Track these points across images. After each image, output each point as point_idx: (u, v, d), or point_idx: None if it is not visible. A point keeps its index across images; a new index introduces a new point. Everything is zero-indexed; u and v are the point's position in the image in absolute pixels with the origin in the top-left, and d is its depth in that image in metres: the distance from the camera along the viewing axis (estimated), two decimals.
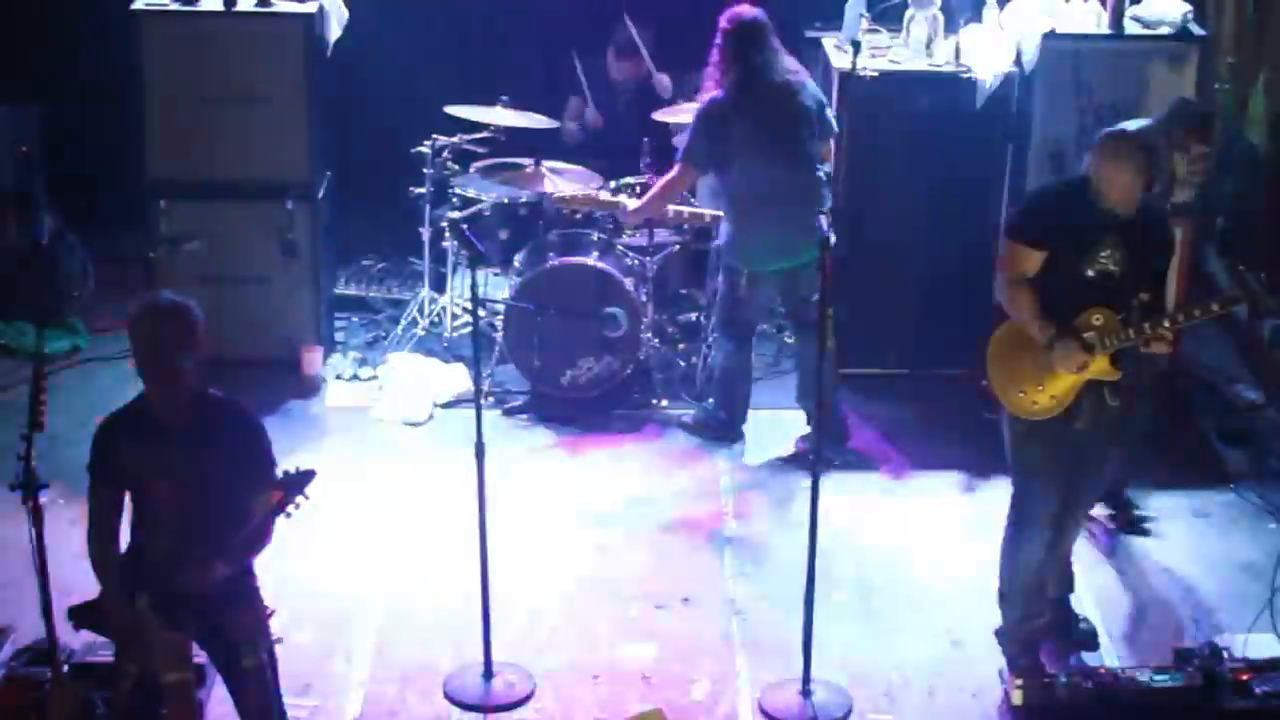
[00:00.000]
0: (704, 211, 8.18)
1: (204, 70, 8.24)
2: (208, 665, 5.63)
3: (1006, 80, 8.23)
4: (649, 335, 8.38)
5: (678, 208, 8.12)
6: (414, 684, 6.26)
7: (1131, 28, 8.14)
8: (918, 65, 8.32)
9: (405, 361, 8.51)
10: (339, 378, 8.59)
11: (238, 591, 5.30)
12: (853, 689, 6.24)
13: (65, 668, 5.69)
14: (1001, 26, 8.33)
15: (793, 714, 6.11)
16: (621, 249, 8.42)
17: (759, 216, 7.53)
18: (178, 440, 5.20)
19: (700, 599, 6.84)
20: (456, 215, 8.52)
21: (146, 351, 5.16)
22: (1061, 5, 8.26)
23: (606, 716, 6.09)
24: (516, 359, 8.36)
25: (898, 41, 8.46)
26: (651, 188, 8.02)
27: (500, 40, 9.67)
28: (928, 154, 8.24)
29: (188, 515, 5.20)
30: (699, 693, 6.25)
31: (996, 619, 6.40)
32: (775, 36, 7.61)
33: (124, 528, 5.38)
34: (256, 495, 5.14)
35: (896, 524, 7.42)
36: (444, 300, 8.83)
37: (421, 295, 8.96)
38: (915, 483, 7.78)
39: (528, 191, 8.50)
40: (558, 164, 8.54)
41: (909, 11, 8.39)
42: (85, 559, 5.32)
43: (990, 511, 7.06)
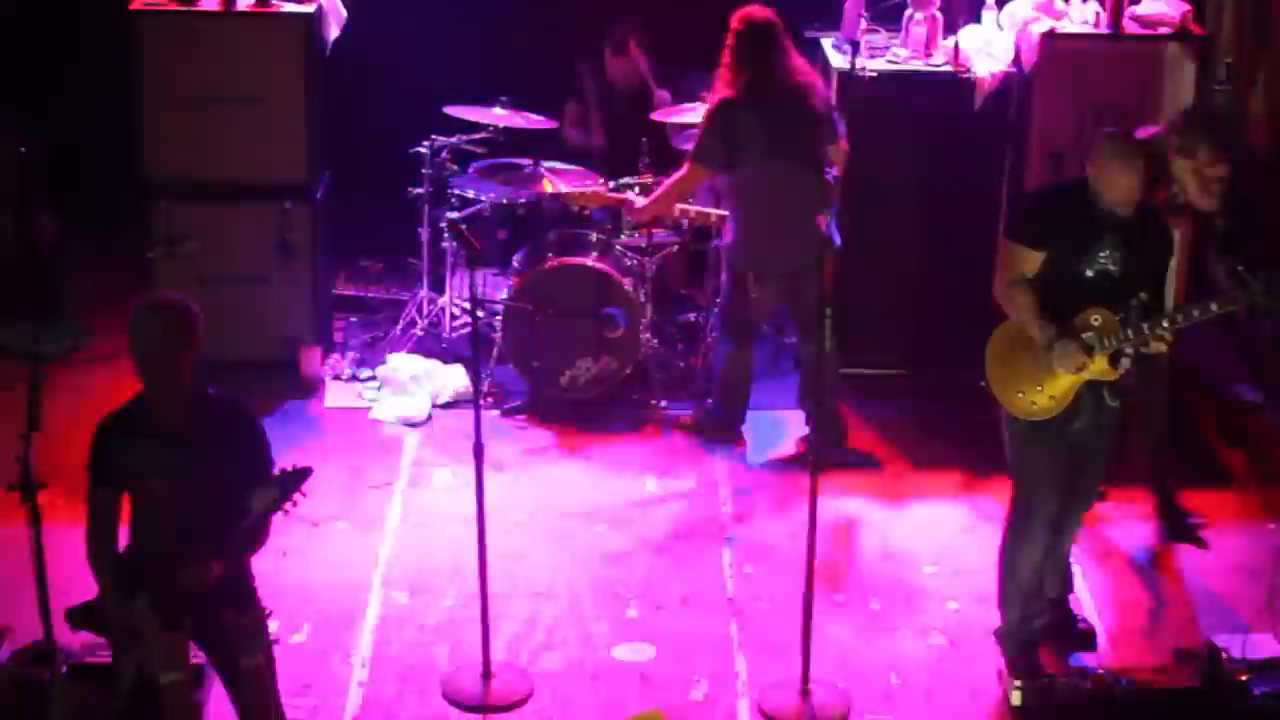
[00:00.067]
0: (710, 211, 8.17)
1: (202, 70, 8.22)
2: (206, 665, 5.63)
3: (1005, 80, 8.23)
4: (648, 335, 8.37)
5: (684, 206, 8.12)
6: (412, 684, 6.25)
7: (1130, 28, 8.14)
8: (916, 65, 8.32)
9: (404, 362, 8.50)
10: (337, 378, 8.59)
11: (236, 591, 5.29)
12: (851, 689, 6.25)
13: (64, 668, 5.68)
14: (1000, 26, 8.33)
15: (792, 714, 6.11)
16: (620, 249, 8.41)
17: (767, 218, 7.52)
18: (176, 440, 5.19)
19: (699, 599, 6.84)
20: (455, 215, 8.52)
21: (146, 351, 5.16)
22: (1061, 5, 8.26)
23: (605, 717, 6.09)
24: (515, 359, 8.36)
25: (896, 41, 8.46)
26: (658, 186, 8.01)
27: (499, 40, 9.66)
28: (926, 154, 8.24)
29: (186, 515, 5.19)
30: (698, 693, 6.25)
31: (995, 619, 6.39)
32: (787, 37, 7.61)
33: (122, 528, 5.38)
34: (254, 494, 5.14)
35: (895, 524, 7.42)
36: (443, 300, 8.83)
37: (420, 295, 8.96)
38: (914, 483, 7.77)
39: (526, 192, 8.50)
40: (556, 164, 8.54)
41: (908, 11, 8.38)
42: (83, 559, 5.32)
43: (989, 512, 7.08)
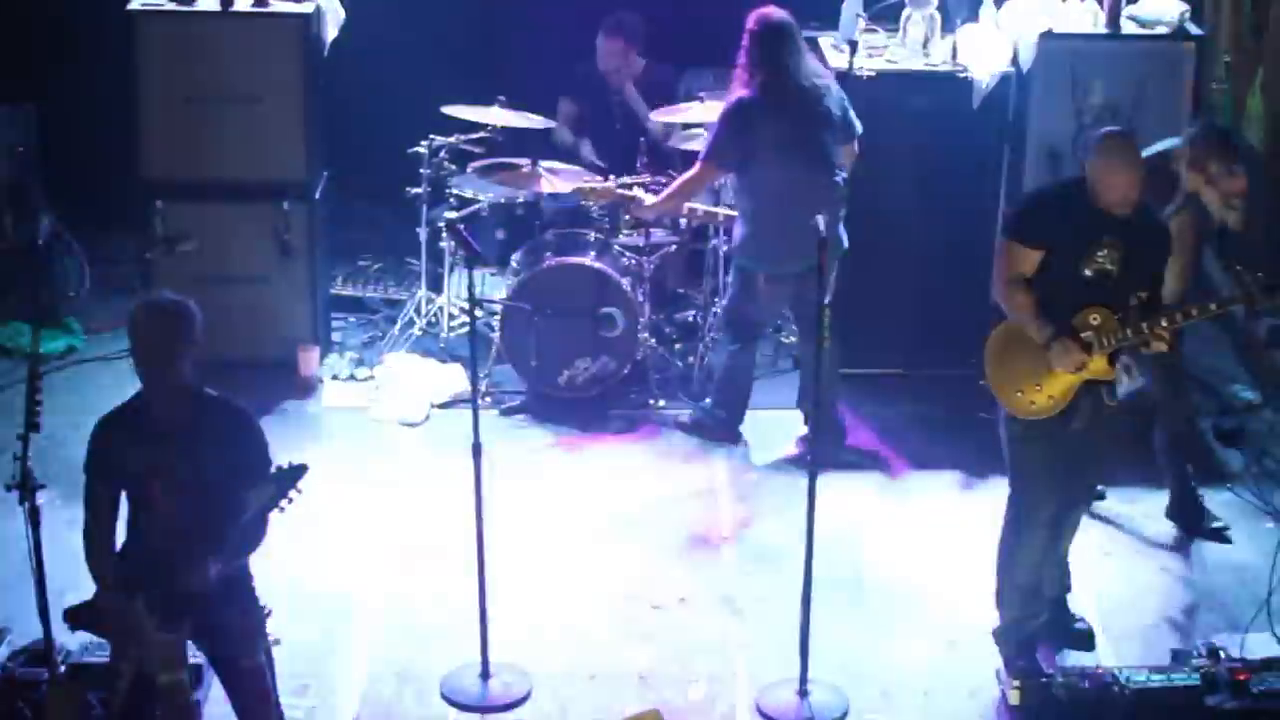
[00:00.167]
0: (718, 210, 8.17)
1: (200, 70, 8.23)
2: (205, 665, 5.63)
3: (1003, 80, 8.23)
4: (646, 335, 8.37)
5: (691, 205, 8.11)
6: (411, 684, 6.25)
7: (1128, 27, 8.14)
8: (914, 65, 8.32)
9: (402, 362, 8.50)
10: (336, 378, 8.58)
11: (234, 591, 5.29)
12: (850, 689, 6.24)
13: (62, 668, 5.68)
14: (998, 26, 8.33)
15: (790, 714, 6.11)
16: (618, 249, 8.41)
17: (778, 219, 7.48)
18: (174, 439, 5.19)
19: (697, 599, 6.84)
20: (453, 215, 8.51)
21: (145, 350, 5.16)
22: (1058, 5, 8.26)
23: (604, 717, 6.09)
24: (513, 359, 8.35)
25: (894, 41, 8.46)
26: (669, 184, 8.00)
27: (497, 40, 9.66)
28: (924, 154, 8.24)
29: (184, 514, 5.19)
30: (696, 693, 6.25)
31: (994, 619, 6.39)
32: (802, 38, 7.61)
33: (120, 527, 5.38)
34: (251, 492, 5.13)
35: (894, 524, 7.42)
36: (441, 300, 8.82)
37: (418, 295, 8.95)
38: (913, 482, 7.77)
39: (525, 192, 8.50)
40: (554, 164, 8.54)
41: (906, 11, 8.38)
42: (82, 559, 5.32)
43: (988, 511, 7.06)
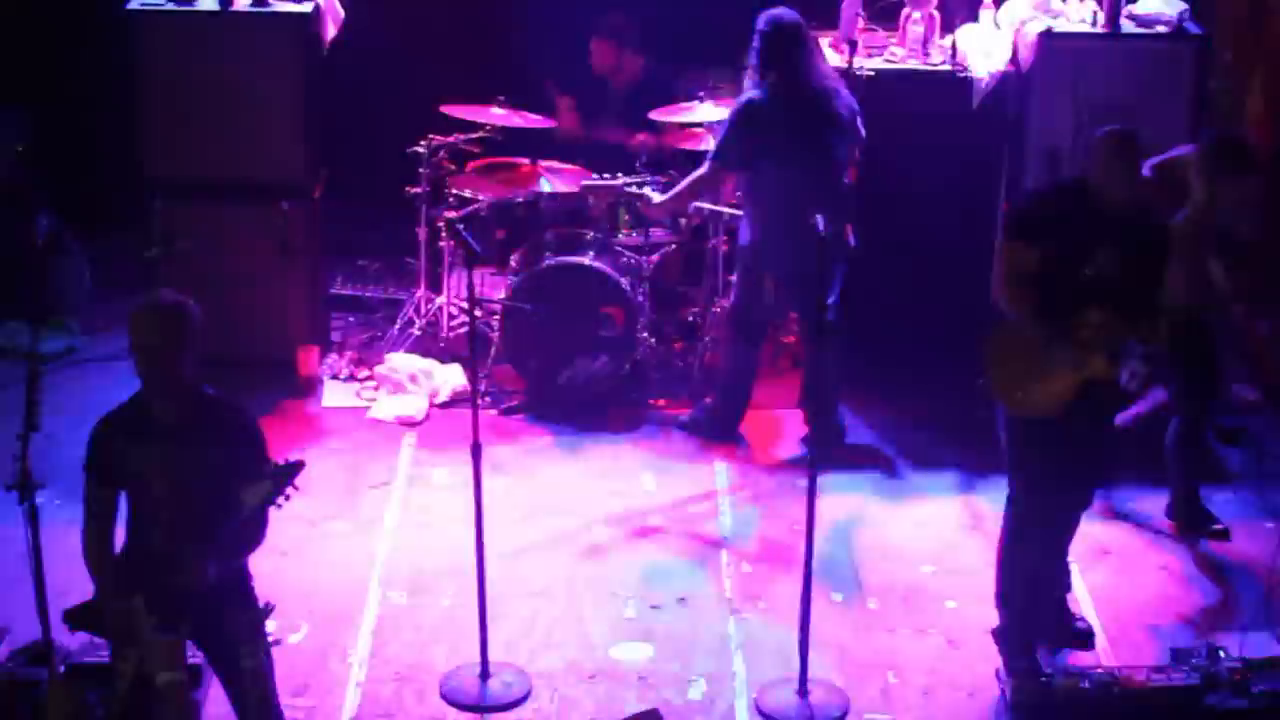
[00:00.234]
0: (724, 209, 8.16)
1: (200, 70, 8.22)
2: (204, 665, 5.62)
3: (1003, 80, 8.22)
4: (645, 334, 8.37)
5: (699, 204, 8.11)
6: (410, 684, 6.25)
7: (1128, 27, 8.14)
8: (914, 64, 8.32)
9: (402, 361, 8.49)
10: (335, 378, 8.58)
11: (233, 591, 5.28)
12: (849, 689, 6.24)
13: (62, 668, 5.68)
14: (998, 26, 8.33)
15: (790, 714, 6.11)
16: (618, 248, 8.41)
17: (785, 219, 7.47)
18: (174, 439, 5.18)
19: (697, 599, 6.84)
20: (453, 215, 8.51)
21: (145, 350, 5.14)
22: (1058, 4, 8.26)
23: (603, 717, 6.09)
24: (513, 359, 8.36)
25: (894, 40, 8.46)
26: (678, 183, 8.00)
27: (496, 40, 9.65)
28: (924, 153, 8.21)
29: (183, 514, 5.18)
30: (696, 692, 6.25)
31: (993, 619, 6.39)
32: (813, 39, 7.60)
33: (119, 527, 5.37)
34: (246, 490, 5.11)
35: (893, 524, 7.41)
36: (440, 300, 8.82)
37: (418, 295, 8.95)
38: (912, 482, 7.77)
39: (524, 191, 8.50)
40: (554, 163, 8.54)
41: (905, 10, 8.38)
42: (81, 559, 5.31)
43: (987, 511, 7.08)
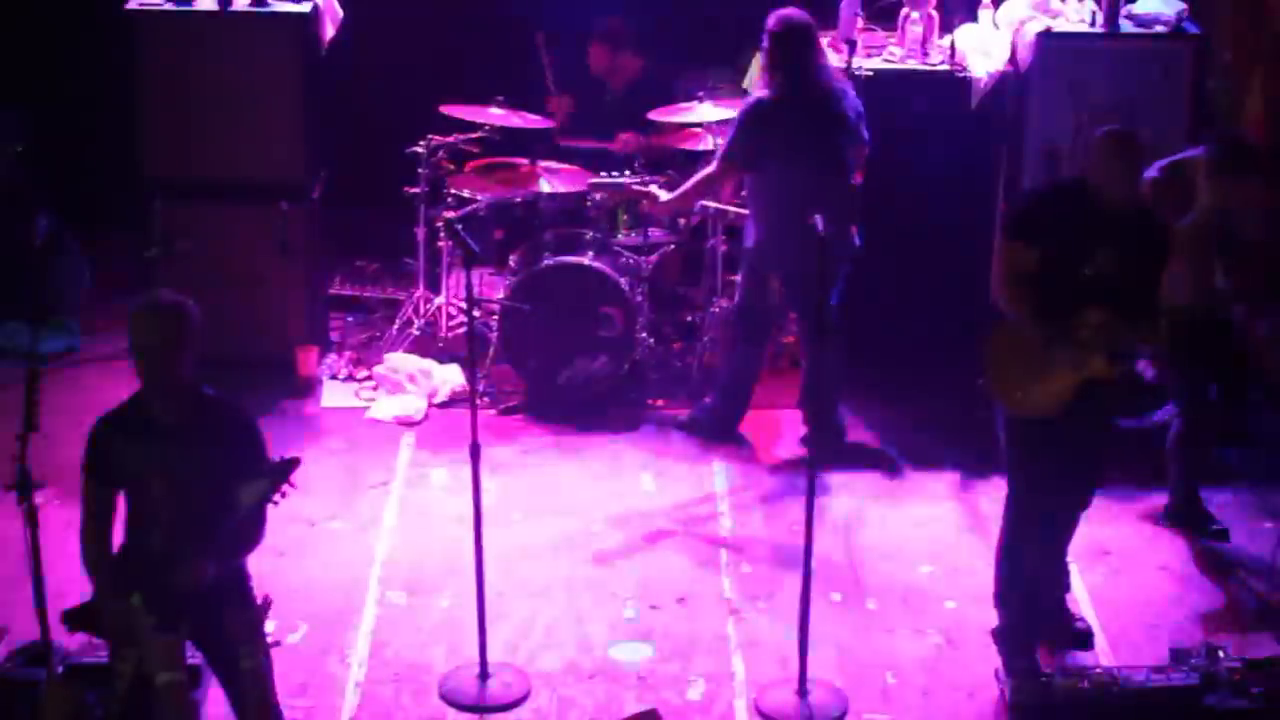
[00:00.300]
0: (730, 209, 8.16)
1: (199, 70, 8.22)
2: (203, 666, 5.62)
3: (1001, 80, 8.22)
4: (644, 335, 8.37)
5: (705, 203, 8.10)
6: (409, 684, 6.25)
7: (1127, 27, 8.14)
8: (913, 65, 8.32)
9: (400, 361, 8.49)
10: (334, 378, 8.58)
11: (232, 592, 5.28)
12: (849, 689, 6.24)
13: (60, 669, 5.68)
14: (996, 26, 8.33)
15: (789, 714, 6.11)
16: (617, 248, 8.41)
17: (792, 220, 7.46)
18: (173, 438, 5.18)
19: (696, 599, 6.84)
20: (451, 215, 8.50)
21: (144, 350, 5.15)
22: (1057, 4, 8.26)
23: (602, 717, 6.09)
24: (512, 359, 8.35)
25: (892, 40, 8.45)
26: (685, 182, 8.00)
27: (495, 40, 9.65)
28: (922, 153, 8.22)
29: (182, 514, 5.18)
30: (695, 693, 6.25)
31: (992, 619, 6.39)
32: (820, 39, 7.61)
33: (117, 527, 5.37)
34: (242, 488, 5.11)
35: (893, 523, 7.41)
36: (439, 300, 8.82)
37: (416, 295, 8.94)
38: (911, 482, 7.77)
39: (523, 191, 8.50)
40: (552, 163, 8.54)
41: (904, 10, 8.38)
42: (80, 559, 5.31)
43: (987, 511, 7.08)
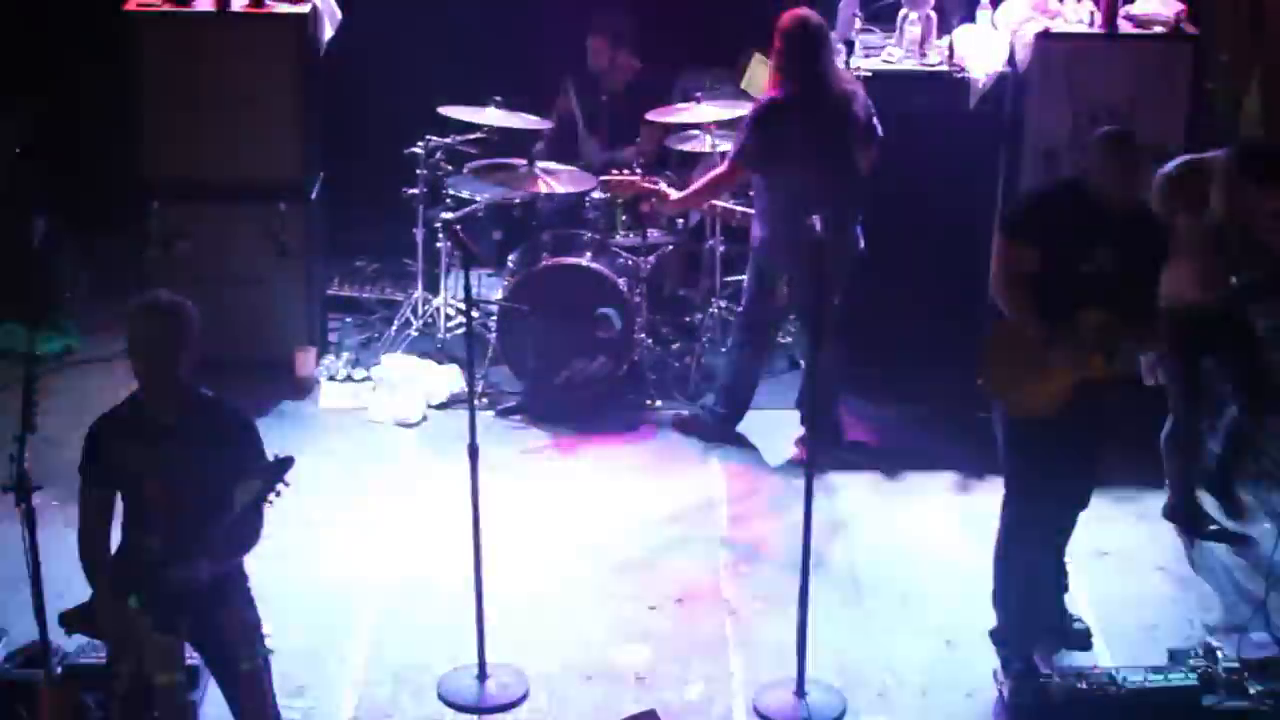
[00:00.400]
0: (736, 209, 8.18)
1: (197, 71, 8.22)
2: (201, 667, 5.62)
3: (1000, 80, 8.23)
4: (643, 335, 8.37)
5: (712, 202, 8.13)
6: (408, 685, 6.25)
7: (1125, 27, 8.15)
8: (911, 65, 8.33)
9: (399, 362, 8.49)
10: (332, 379, 8.58)
11: (230, 594, 5.28)
12: (847, 689, 6.24)
13: (58, 670, 5.68)
14: (995, 26, 8.34)
15: (787, 714, 6.10)
16: (615, 249, 8.41)
17: (799, 221, 7.44)
18: (170, 439, 5.18)
19: (694, 599, 6.84)
20: (450, 216, 8.50)
21: (142, 351, 5.15)
22: (1055, 5, 8.26)
23: (601, 718, 6.09)
24: (510, 360, 8.36)
25: (891, 41, 8.46)
26: (696, 181, 8.00)
27: (494, 41, 9.65)
28: (921, 154, 8.22)
29: (179, 515, 5.18)
30: (693, 693, 6.25)
31: (991, 619, 6.39)
32: (831, 40, 7.61)
33: (116, 529, 5.37)
34: (237, 488, 5.10)
35: (891, 524, 7.41)
36: (437, 301, 8.82)
37: (415, 296, 8.95)
38: (910, 482, 7.77)
39: (521, 192, 8.50)
40: (551, 164, 8.54)
41: (902, 11, 8.38)
42: (78, 561, 5.31)
43: (985, 511, 7.05)
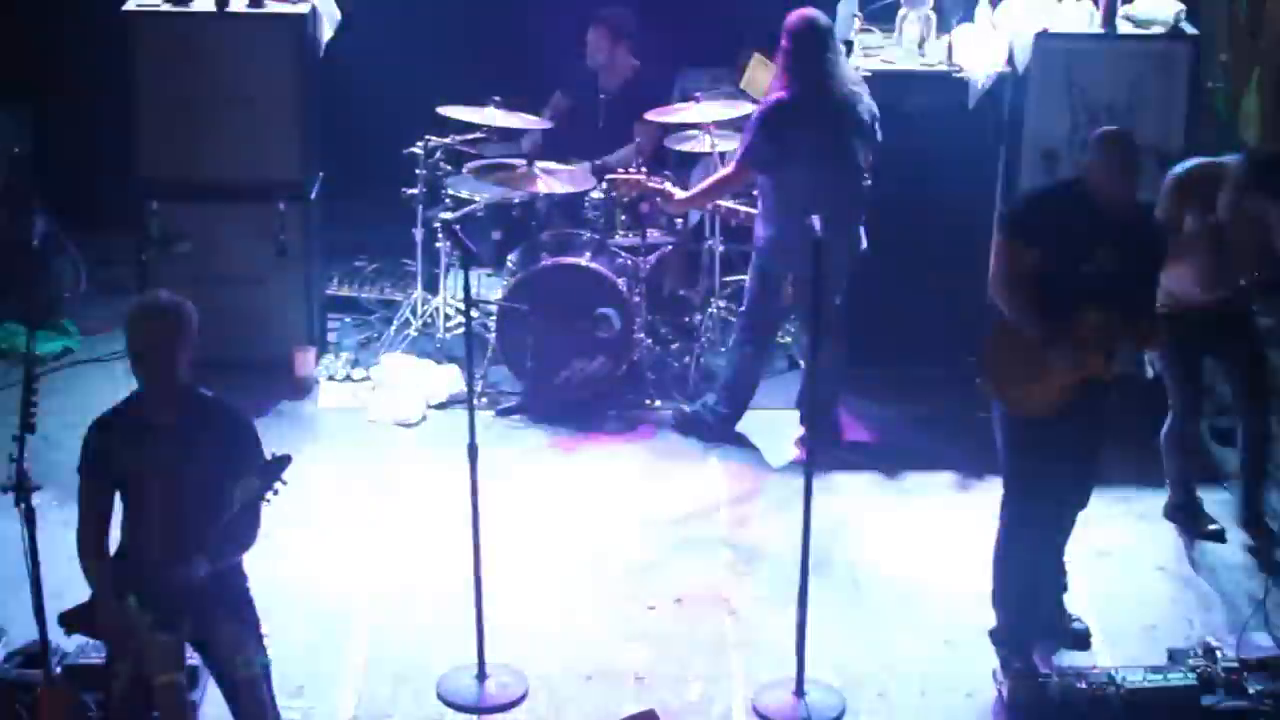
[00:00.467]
0: (739, 208, 8.18)
1: (196, 71, 8.23)
2: (200, 667, 5.62)
3: (999, 80, 8.23)
4: (642, 336, 8.37)
5: (720, 202, 8.14)
6: (407, 685, 6.25)
7: (1124, 27, 8.15)
8: (910, 65, 8.33)
9: (398, 362, 8.50)
10: (331, 379, 8.58)
11: (230, 595, 5.28)
12: (846, 689, 6.24)
13: (57, 670, 5.68)
14: (994, 26, 8.33)
15: (786, 715, 6.11)
16: (614, 249, 8.41)
17: (803, 221, 7.45)
18: (168, 439, 5.19)
19: (693, 599, 6.84)
20: (449, 216, 8.51)
21: (141, 350, 5.16)
22: (1054, 5, 8.26)
23: (600, 718, 6.09)
24: (509, 360, 8.36)
25: (890, 41, 8.46)
26: (703, 181, 7.99)
27: (493, 41, 9.66)
28: (920, 154, 8.22)
29: (178, 515, 5.18)
30: (693, 693, 6.25)
31: (990, 619, 6.40)
32: (837, 40, 7.61)
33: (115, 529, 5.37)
34: (235, 486, 5.10)
35: (890, 524, 7.41)
36: (437, 301, 8.82)
37: (414, 296, 8.95)
38: (910, 482, 7.77)
39: (520, 192, 8.50)
40: (550, 164, 8.55)
41: (901, 11, 8.38)
42: (77, 561, 5.31)
43: (985, 512, 7.05)
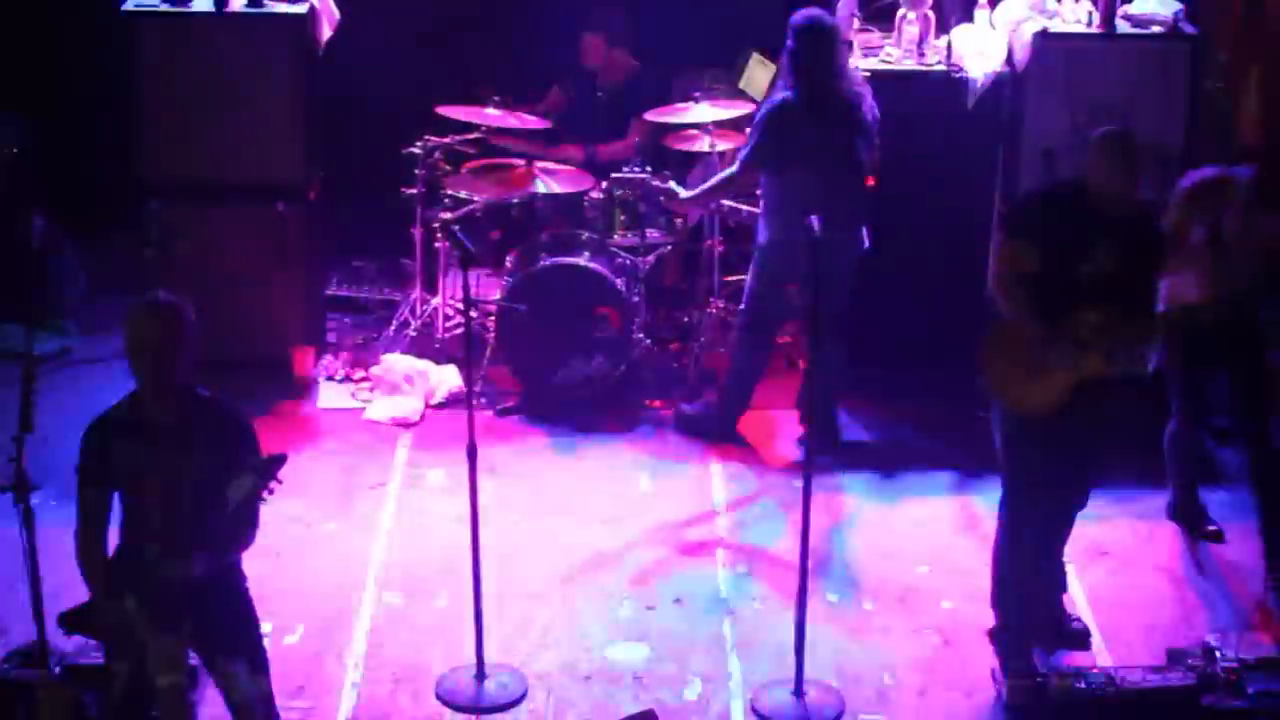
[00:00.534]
0: (741, 207, 8.16)
1: (195, 71, 8.22)
2: (200, 667, 5.62)
3: (998, 80, 8.22)
4: (641, 335, 8.37)
5: (723, 201, 8.13)
6: (406, 685, 6.25)
7: (1123, 27, 8.15)
8: (909, 65, 8.32)
9: (397, 362, 8.49)
10: (331, 379, 8.58)
11: (229, 595, 5.28)
12: (845, 689, 6.24)
13: (57, 670, 5.68)
14: (993, 26, 8.33)
15: (785, 714, 6.11)
16: (613, 249, 8.41)
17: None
18: (168, 440, 5.18)
19: (692, 599, 6.84)
20: (448, 216, 8.51)
21: (140, 351, 5.15)
22: (1053, 4, 8.26)
23: (599, 717, 6.09)
24: (508, 360, 8.36)
25: (889, 41, 8.46)
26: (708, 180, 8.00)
27: (492, 41, 9.65)
28: (920, 154, 8.22)
29: (177, 515, 5.18)
30: (691, 693, 6.25)
31: (989, 619, 6.40)
32: (843, 41, 7.62)
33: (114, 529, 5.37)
34: (231, 484, 5.09)
35: (890, 523, 7.41)
36: (436, 301, 8.82)
37: (413, 296, 8.95)
38: (908, 482, 7.77)
39: (519, 192, 8.50)
40: (549, 164, 8.55)
41: (900, 11, 8.38)
42: (76, 561, 5.31)
43: (984, 511, 7.08)
